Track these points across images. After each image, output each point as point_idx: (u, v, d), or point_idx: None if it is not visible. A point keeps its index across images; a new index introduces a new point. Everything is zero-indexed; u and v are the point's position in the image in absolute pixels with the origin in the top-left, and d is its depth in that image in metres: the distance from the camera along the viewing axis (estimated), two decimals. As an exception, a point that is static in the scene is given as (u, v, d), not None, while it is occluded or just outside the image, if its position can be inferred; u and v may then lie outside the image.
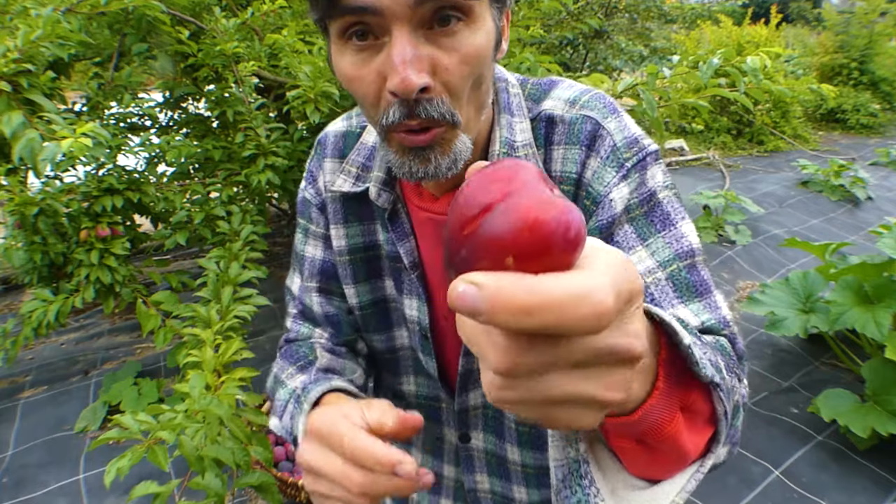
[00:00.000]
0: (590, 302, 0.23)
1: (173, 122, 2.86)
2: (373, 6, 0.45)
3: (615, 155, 0.56)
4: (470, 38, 0.48)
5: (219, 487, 0.98)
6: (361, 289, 0.71)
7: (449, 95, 0.49)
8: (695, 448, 0.40)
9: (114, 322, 2.97)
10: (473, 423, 0.72)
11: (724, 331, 0.54)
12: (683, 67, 1.98)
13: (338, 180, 0.68)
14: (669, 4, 6.19)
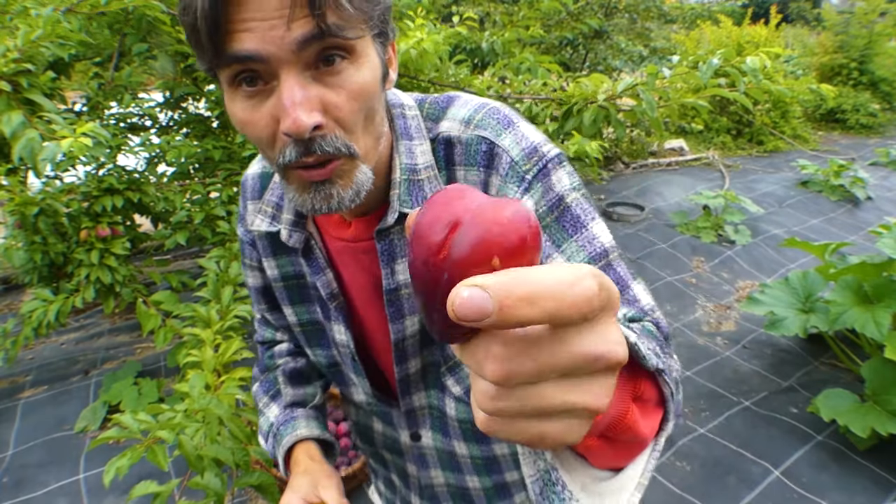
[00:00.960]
0: (580, 286, 0.24)
1: (173, 122, 2.86)
2: (258, 54, 0.46)
3: (514, 170, 0.57)
4: (355, 75, 0.50)
5: (218, 487, 0.98)
6: (298, 309, 0.76)
7: (343, 130, 0.51)
8: (650, 431, 0.42)
9: (114, 322, 2.97)
10: (422, 422, 0.75)
11: (647, 318, 0.56)
12: (683, 67, 1.98)
13: (256, 220, 0.72)
14: (669, 4, 6.19)
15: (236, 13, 0.46)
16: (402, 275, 0.64)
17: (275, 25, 0.46)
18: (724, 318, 2.86)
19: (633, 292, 0.57)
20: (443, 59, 2.16)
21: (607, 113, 2.05)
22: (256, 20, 0.46)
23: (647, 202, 4.25)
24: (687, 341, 2.64)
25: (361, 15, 0.49)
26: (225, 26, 0.46)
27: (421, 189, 0.61)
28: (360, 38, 0.49)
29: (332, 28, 0.47)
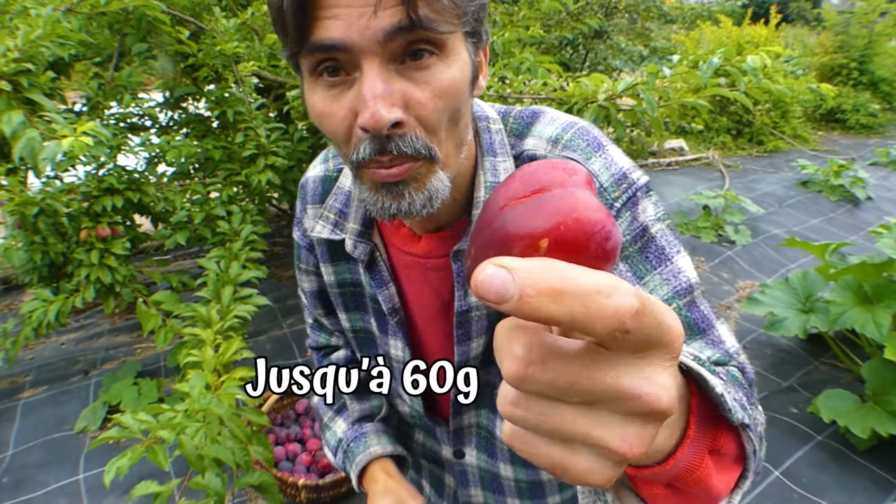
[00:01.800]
0: (615, 299, 0.21)
1: (173, 122, 2.86)
2: (342, 43, 0.44)
3: (603, 197, 0.55)
4: (444, 71, 0.47)
5: (219, 487, 0.98)
6: (352, 316, 0.75)
7: (424, 130, 0.47)
8: (725, 487, 0.39)
9: (114, 322, 2.97)
10: (468, 441, 0.74)
11: (731, 363, 0.53)
12: (683, 67, 1.98)
13: (317, 226, 0.69)
14: (669, 4, 6.19)
15: (323, 1, 0.43)
16: (474, 298, 0.60)
17: (362, 14, 0.43)
18: (724, 319, 2.86)
19: (717, 332, 0.54)
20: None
21: (607, 113, 2.05)
22: (343, 7, 0.43)
23: (647, 202, 4.25)
24: (687, 341, 2.64)
25: (455, 9, 0.45)
26: (311, 12, 0.44)
27: None
28: (451, 33, 0.46)
29: (423, 20, 0.43)
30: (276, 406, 2.06)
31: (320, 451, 1.87)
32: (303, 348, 2.59)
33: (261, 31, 2.49)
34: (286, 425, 2.01)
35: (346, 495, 1.76)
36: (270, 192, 2.80)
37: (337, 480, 1.70)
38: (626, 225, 0.55)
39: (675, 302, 0.54)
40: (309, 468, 1.81)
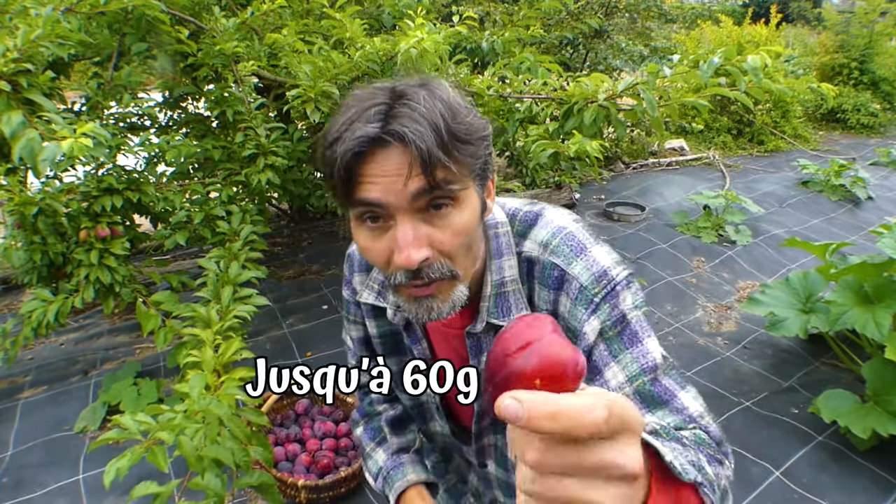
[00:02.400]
0: (592, 414, 0.31)
1: (173, 122, 2.86)
2: (379, 202, 0.59)
3: (583, 295, 0.67)
4: (458, 217, 0.61)
5: (218, 488, 0.97)
6: (392, 360, 0.90)
7: (447, 259, 0.62)
8: None
9: (113, 322, 2.97)
10: (489, 455, 0.90)
11: (691, 426, 0.63)
12: (684, 67, 1.98)
13: (364, 293, 0.86)
14: (669, 4, 6.19)
15: (366, 170, 0.58)
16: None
17: (395, 181, 0.57)
18: (724, 319, 2.86)
19: (680, 401, 0.66)
20: (443, 59, 2.15)
21: (608, 112, 2.04)
22: (380, 176, 0.58)
23: (647, 202, 4.25)
24: (687, 341, 2.64)
25: (465, 170, 0.60)
26: (356, 178, 0.59)
27: (506, 300, 0.73)
28: (463, 187, 0.61)
29: (440, 184, 0.58)
30: (276, 406, 2.06)
31: (320, 452, 1.87)
32: (303, 348, 2.59)
33: (260, 30, 2.48)
34: (286, 425, 2.00)
35: (346, 495, 1.76)
36: (270, 192, 2.80)
37: (336, 481, 1.69)
38: (607, 313, 0.67)
39: (641, 378, 0.66)
40: (309, 468, 1.81)
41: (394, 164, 0.58)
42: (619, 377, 0.66)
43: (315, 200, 2.82)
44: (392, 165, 0.58)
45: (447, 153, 0.58)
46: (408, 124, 0.56)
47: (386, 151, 0.58)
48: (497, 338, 0.39)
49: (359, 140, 0.57)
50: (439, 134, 0.57)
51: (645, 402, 0.65)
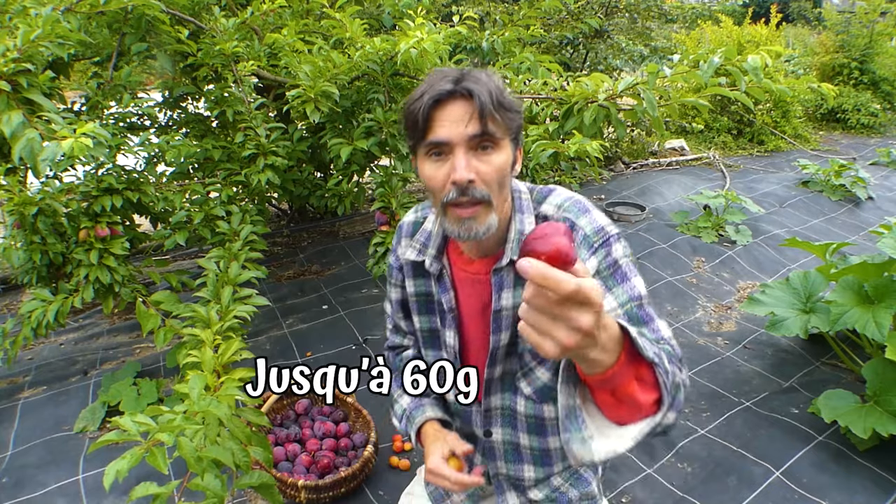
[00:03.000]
0: (566, 284, 0.51)
1: (173, 122, 2.85)
2: (445, 139, 0.83)
3: (586, 241, 0.89)
4: (497, 158, 0.84)
5: (218, 488, 0.97)
6: (422, 318, 1.09)
7: (486, 187, 0.84)
8: (646, 402, 0.66)
9: (113, 322, 2.97)
10: (494, 421, 1.06)
11: (663, 343, 0.81)
12: (684, 67, 1.98)
13: (408, 252, 1.05)
14: (669, 4, 6.18)
15: (439, 115, 0.83)
16: (504, 301, 0.94)
17: (458, 125, 0.82)
18: (724, 319, 2.86)
19: (656, 325, 0.86)
20: (443, 59, 2.15)
21: (608, 112, 2.04)
22: (448, 120, 0.83)
23: (647, 202, 4.25)
24: (688, 341, 2.64)
25: (506, 126, 0.85)
26: (430, 122, 0.84)
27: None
28: (503, 137, 0.85)
29: (489, 130, 0.82)
30: (276, 406, 2.06)
31: (320, 452, 1.86)
32: (302, 348, 2.59)
33: (260, 30, 2.48)
34: (286, 426, 2.00)
35: (346, 495, 1.76)
36: (270, 191, 2.80)
37: (336, 481, 1.69)
38: (602, 257, 0.88)
39: (629, 304, 0.86)
40: (308, 468, 1.80)
41: (459, 112, 0.82)
42: (611, 303, 0.86)
43: (315, 200, 2.82)
44: (458, 112, 0.82)
45: (497, 111, 0.82)
46: (473, 86, 0.82)
47: (455, 102, 0.83)
48: (530, 232, 0.61)
49: (438, 92, 0.82)
50: (493, 98, 0.82)
51: (632, 321, 0.84)
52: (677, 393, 0.72)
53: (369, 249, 2.22)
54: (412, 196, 2.30)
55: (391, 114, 2.29)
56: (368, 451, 1.79)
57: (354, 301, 2.97)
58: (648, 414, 0.67)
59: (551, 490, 1.10)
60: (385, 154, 2.47)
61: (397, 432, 2.04)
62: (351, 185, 2.63)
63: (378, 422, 2.03)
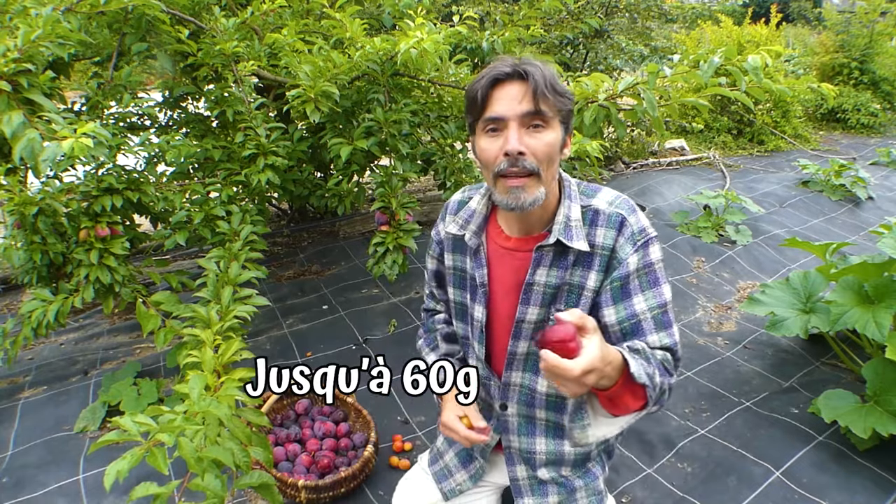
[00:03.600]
0: (570, 371, 0.77)
1: (173, 122, 2.85)
2: (502, 116, 0.93)
3: (632, 237, 0.98)
4: (547, 135, 0.93)
5: (218, 489, 0.97)
6: (455, 291, 1.17)
7: (535, 160, 0.93)
8: (634, 405, 0.90)
9: (113, 322, 2.97)
10: (511, 397, 1.14)
11: (675, 348, 0.98)
12: (684, 67, 1.98)
13: (451, 225, 1.13)
14: (669, 4, 6.18)
15: (496, 94, 0.93)
16: (539, 277, 1.02)
17: (513, 102, 0.92)
18: (724, 319, 2.86)
19: (673, 329, 0.99)
20: (443, 59, 2.15)
21: (608, 112, 2.04)
22: (504, 98, 0.93)
23: (647, 202, 4.25)
24: (688, 342, 2.64)
25: (557, 108, 0.94)
26: (487, 101, 0.94)
27: (570, 230, 0.99)
28: (553, 118, 0.93)
29: (542, 109, 0.92)
30: (276, 406, 2.06)
31: (320, 452, 1.86)
32: (302, 348, 2.59)
33: (260, 30, 2.48)
34: (286, 426, 2.00)
35: (346, 496, 1.76)
36: (270, 191, 2.79)
37: (337, 481, 1.69)
38: (640, 257, 0.98)
39: (657, 309, 0.98)
40: (309, 469, 1.80)
41: (515, 91, 0.92)
42: (642, 305, 0.98)
43: (315, 200, 2.82)
44: (514, 91, 0.92)
45: (549, 93, 0.91)
46: (530, 69, 0.91)
47: (512, 83, 0.92)
48: (546, 328, 0.82)
49: (497, 72, 0.93)
50: (546, 81, 0.91)
51: (656, 325, 0.98)
52: (661, 396, 0.94)
53: (369, 249, 2.22)
54: (412, 196, 2.30)
55: (391, 114, 2.29)
56: (368, 451, 1.79)
57: (354, 301, 2.97)
58: (636, 410, 0.91)
59: (559, 475, 1.15)
60: (385, 154, 2.47)
61: (397, 432, 2.04)
62: (351, 185, 2.63)
63: (378, 422, 2.03)
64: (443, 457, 1.29)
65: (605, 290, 0.99)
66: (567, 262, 1.00)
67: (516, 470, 1.18)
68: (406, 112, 2.33)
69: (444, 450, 1.30)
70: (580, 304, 1.01)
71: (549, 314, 1.04)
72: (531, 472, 1.16)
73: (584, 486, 1.15)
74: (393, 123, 2.28)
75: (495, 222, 1.09)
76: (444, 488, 1.22)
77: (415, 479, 1.30)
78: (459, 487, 1.22)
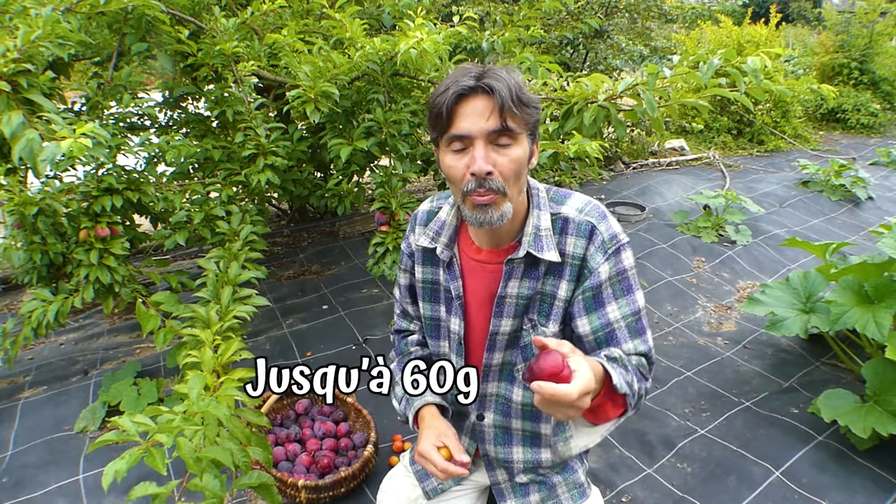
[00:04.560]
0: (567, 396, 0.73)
1: (173, 122, 2.85)
2: (466, 133, 0.90)
3: (603, 246, 0.98)
4: (514, 151, 0.91)
5: (217, 489, 0.97)
6: (426, 306, 1.15)
7: (502, 178, 0.91)
8: (614, 413, 0.91)
9: (113, 322, 2.97)
10: (488, 407, 1.13)
11: (650, 354, 1.00)
12: (684, 67, 1.98)
13: (421, 238, 1.10)
14: (669, 4, 6.18)
15: (461, 109, 0.90)
16: (511, 289, 1.01)
17: (479, 119, 0.89)
18: (724, 319, 2.86)
19: (647, 336, 1.00)
20: (443, 59, 2.15)
21: (608, 113, 2.04)
22: (470, 114, 0.89)
23: (647, 202, 4.25)
24: (687, 341, 2.64)
25: (523, 124, 0.92)
26: (452, 117, 0.90)
27: (541, 240, 0.99)
28: (520, 133, 0.91)
29: (508, 125, 0.89)
30: (276, 406, 2.06)
31: (320, 452, 1.87)
32: (302, 348, 2.59)
33: (260, 30, 2.48)
34: (286, 425, 2.01)
35: (346, 496, 1.76)
36: (270, 192, 2.80)
37: (336, 481, 1.69)
38: (612, 265, 0.98)
39: (631, 317, 0.99)
40: (309, 468, 1.81)
41: (480, 107, 0.89)
42: (616, 314, 0.98)
43: (315, 200, 2.82)
44: (479, 107, 0.89)
45: (516, 107, 0.88)
46: (494, 82, 0.88)
47: (477, 97, 0.89)
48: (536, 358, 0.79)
49: (461, 87, 0.88)
50: (512, 94, 0.88)
51: (630, 332, 0.99)
52: (639, 401, 0.95)
53: (369, 249, 2.22)
54: (412, 196, 2.30)
55: (391, 114, 2.29)
56: (368, 451, 1.79)
57: (354, 301, 2.97)
58: (615, 417, 0.92)
59: (536, 474, 1.15)
60: (385, 154, 2.47)
61: (397, 432, 2.04)
62: (351, 186, 2.63)
63: (378, 422, 2.03)
64: None
65: (576, 300, 0.99)
66: (538, 272, 1.00)
67: (496, 474, 1.18)
68: (406, 112, 2.33)
69: None
70: (552, 314, 1.01)
71: (523, 324, 1.03)
72: (510, 477, 1.17)
73: (563, 482, 1.15)
74: (393, 124, 2.29)
75: (466, 234, 1.07)
76: (427, 487, 1.21)
77: (398, 476, 1.27)
78: (441, 486, 1.21)
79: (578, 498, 1.15)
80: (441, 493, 1.21)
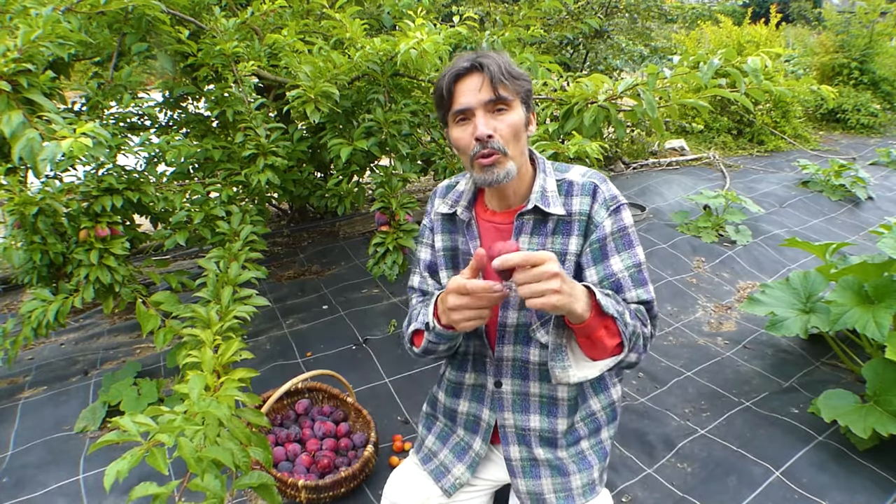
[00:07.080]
0: (546, 255, 0.87)
1: (173, 122, 2.85)
2: (467, 107, 1.05)
3: (605, 203, 1.10)
4: (510, 116, 1.06)
5: (218, 489, 0.97)
6: (447, 273, 1.23)
7: (503, 141, 1.05)
8: (611, 345, 0.97)
9: (113, 322, 2.97)
10: (505, 372, 1.18)
11: (652, 303, 1.09)
12: (684, 68, 1.98)
13: (441, 206, 1.23)
14: (669, 4, 6.18)
15: (460, 87, 1.06)
16: (521, 244, 1.10)
17: (475, 93, 1.04)
18: (724, 319, 2.86)
19: (649, 287, 1.10)
20: (443, 59, 2.15)
21: (608, 113, 2.04)
22: (467, 90, 1.05)
23: (647, 202, 4.25)
24: (688, 341, 2.64)
25: (515, 91, 1.06)
26: (453, 95, 1.07)
27: (547, 199, 1.11)
28: (514, 100, 1.06)
29: (501, 95, 1.04)
30: (276, 406, 2.06)
31: (320, 452, 1.87)
32: (303, 348, 2.59)
33: (260, 30, 2.48)
34: (286, 426, 2.00)
35: (346, 496, 1.76)
36: (270, 192, 2.80)
37: (337, 481, 1.69)
38: (614, 221, 1.09)
39: (633, 268, 1.08)
40: (309, 469, 1.81)
41: (476, 82, 1.04)
42: (619, 265, 1.08)
43: (315, 200, 2.82)
44: (475, 83, 1.04)
45: (506, 78, 1.03)
46: (485, 61, 1.03)
47: (471, 76, 1.05)
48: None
49: (458, 69, 1.06)
50: (502, 69, 1.03)
51: (633, 283, 1.08)
52: (637, 340, 1.01)
53: (369, 249, 2.22)
54: (412, 196, 2.30)
55: (391, 114, 2.29)
56: (368, 451, 1.79)
57: (354, 301, 2.97)
58: (614, 354, 0.98)
59: (555, 458, 1.18)
60: (385, 154, 2.47)
61: (397, 432, 2.04)
62: (351, 186, 2.63)
63: (378, 422, 2.03)
64: (437, 455, 1.28)
65: (585, 252, 1.10)
66: (546, 229, 1.10)
67: (510, 450, 1.20)
68: (406, 112, 2.33)
69: (437, 448, 1.29)
70: (565, 270, 1.08)
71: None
72: (526, 453, 1.18)
73: (577, 472, 1.17)
74: (393, 124, 2.29)
75: (482, 200, 1.20)
76: (444, 485, 1.22)
77: (409, 473, 1.28)
78: (459, 481, 1.22)
79: (589, 493, 1.17)
80: (459, 487, 1.23)
